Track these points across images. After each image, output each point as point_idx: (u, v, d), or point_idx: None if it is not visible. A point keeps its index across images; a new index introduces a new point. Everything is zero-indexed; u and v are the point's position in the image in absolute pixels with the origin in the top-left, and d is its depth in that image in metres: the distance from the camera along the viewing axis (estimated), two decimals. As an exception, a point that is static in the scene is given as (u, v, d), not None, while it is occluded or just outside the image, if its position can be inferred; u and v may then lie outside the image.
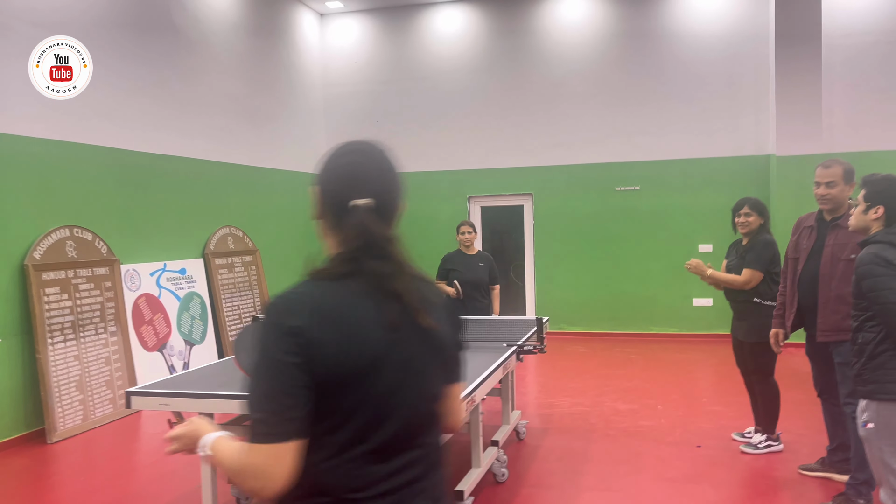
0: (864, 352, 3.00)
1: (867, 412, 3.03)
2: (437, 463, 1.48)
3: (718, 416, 5.82)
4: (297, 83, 10.04)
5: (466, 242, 6.24)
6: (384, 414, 1.36)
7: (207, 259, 7.77)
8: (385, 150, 1.59)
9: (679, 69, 9.50)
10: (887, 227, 3.06)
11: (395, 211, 1.54)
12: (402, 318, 1.40)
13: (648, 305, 9.69)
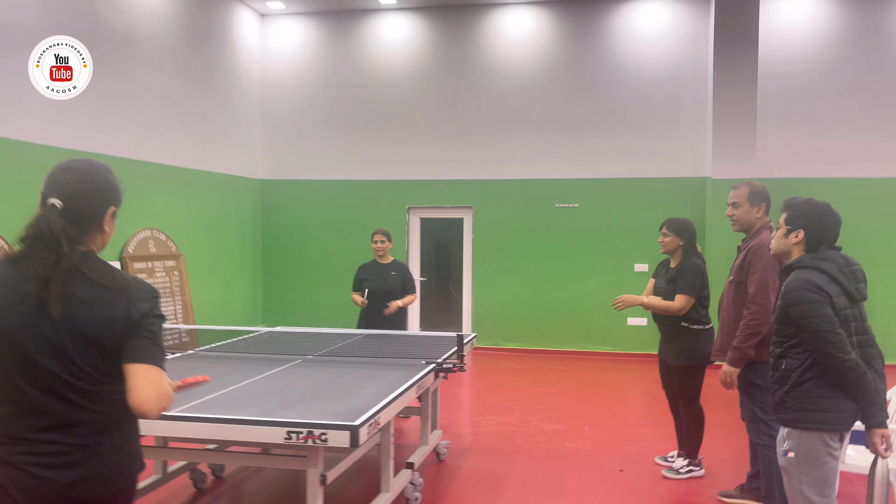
0: (787, 379, 2.92)
1: (788, 441, 2.94)
2: (73, 428, 1.81)
3: (644, 438, 5.73)
4: (233, 83, 9.71)
5: (379, 252, 6.06)
6: (17, 379, 1.78)
7: (125, 262, 7.37)
8: (98, 167, 1.98)
9: (621, 89, 9.53)
10: (811, 252, 2.98)
11: (84, 215, 1.89)
12: (40, 301, 1.77)
13: (584, 323, 9.64)
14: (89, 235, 1.91)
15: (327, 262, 10.22)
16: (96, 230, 1.92)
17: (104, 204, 1.94)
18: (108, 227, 1.98)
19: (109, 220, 1.97)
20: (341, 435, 2.83)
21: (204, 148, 9.00)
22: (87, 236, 1.90)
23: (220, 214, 9.39)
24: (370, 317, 5.99)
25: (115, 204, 1.97)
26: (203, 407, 3.14)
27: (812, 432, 2.85)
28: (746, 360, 3.81)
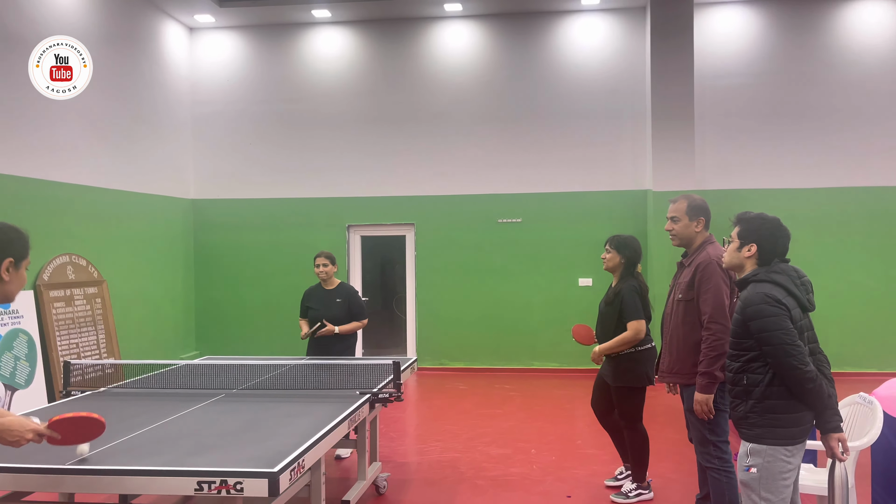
0: (750, 394, 2.90)
1: (752, 457, 2.90)
2: None
3: (592, 459, 5.56)
4: (160, 99, 9.27)
5: (322, 276, 5.75)
6: None
7: (39, 290, 6.86)
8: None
9: (561, 103, 9.48)
10: (764, 266, 2.97)
11: None
12: None
13: (530, 340, 9.49)
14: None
15: (264, 284, 9.83)
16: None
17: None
18: (5, 276, 2.25)
19: (5, 270, 2.25)
20: (259, 483, 2.53)
21: (128, 167, 8.53)
22: None
23: (148, 236, 8.91)
24: (319, 345, 5.67)
25: (10, 255, 2.25)
26: (104, 456, 2.79)
27: (777, 447, 2.85)
28: (717, 382, 3.64)
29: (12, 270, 2.29)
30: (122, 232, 8.36)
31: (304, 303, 5.85)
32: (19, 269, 2.32)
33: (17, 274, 2.31)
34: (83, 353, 7.29)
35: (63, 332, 7.08)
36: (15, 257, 2.28)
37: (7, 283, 2.28)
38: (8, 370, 6.32)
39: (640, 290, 4.59)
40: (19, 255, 2.31)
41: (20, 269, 2.33)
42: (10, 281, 2.29)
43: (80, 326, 7.32)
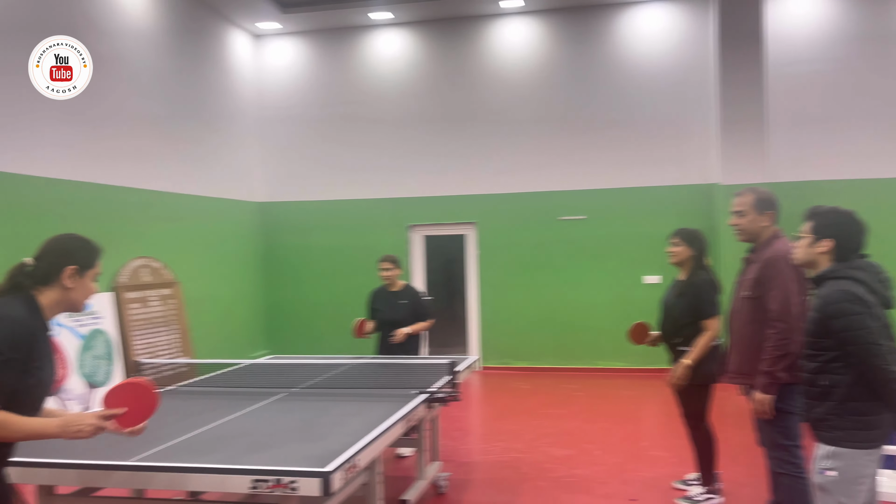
0: (830, 395, 2.78)
1: (831, 460, 2.79)
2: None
3: (659, 462, 5.41)
4: (228, 106, 9.55)
5: (387, 280, 5.82)
6: None
7: (117, 292, 7.17)
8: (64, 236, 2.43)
9: (624, 96, 9.27)
10: (843, 262, 2.84)
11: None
12: None
13: (595, 339, 9.32)
14: (48, 286, 2.31)
15: (330, 284, 9.99)
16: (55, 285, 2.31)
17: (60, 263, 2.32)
18: (69, 283, 2.32)
19: (68, 277, 2.32)
20: (312, 483, 2.56)
21: (199, 173, 8.83)
22: (45, 287, 2.31)
23: (218, 239, 9.19)
24: (385, 346, 5.79)
25: (73, 264, 2.33)
26: (164, 453, 2.88)
27: (857, 450, 2.75)
28: (780, 384, 3.48)
29: (76, 279, 2.34)
30: (194, 235, 8.66)
31: (371, 304, 5.95)
32: (84, 278, 2.37)
33: (81, 282, 2.36)
34: (158, 352, 7.57)
35: (139, 332, 7.37)
36: (79, 266, 2.34)
37: (71, 291, 2.34)
38: (89, 369, 6.63)
39: (715, 283, 4.44)
40: (84, 265, 2.36)
41: (85, 279, 2.37)
42: (75, 289, 2.35)
43: (155, 326, 7.61)
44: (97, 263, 2.44)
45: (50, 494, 3.09)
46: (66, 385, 6.31)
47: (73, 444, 3.04)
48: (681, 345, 4.42)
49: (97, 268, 2.44)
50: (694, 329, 4.37)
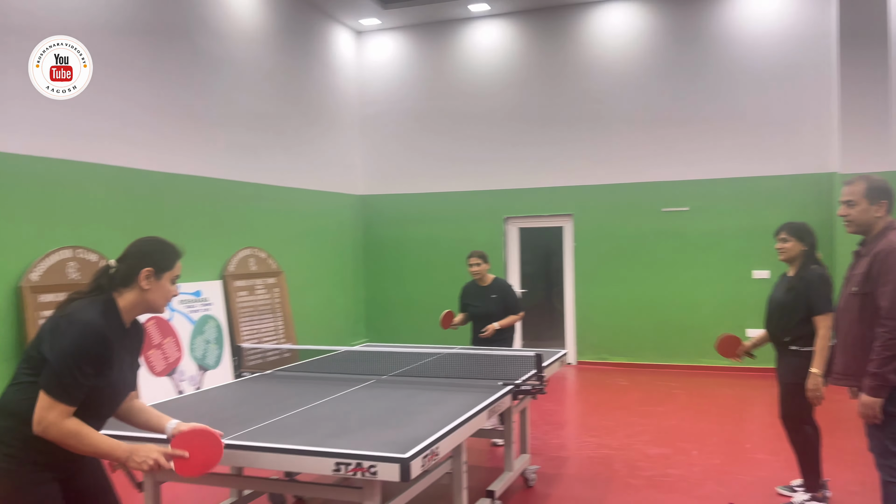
0: None
1: None
2: None
3: (763, 465, 5.15)
4: (331, 102, 9.86)
5: (475, 276, 5.85)
6: None
7: (226, 281, 7.57)
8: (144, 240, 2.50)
9: (731, 80, 8.83)
10: None
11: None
12: None
13: (698, 335, 8.96)
14: (127, 288, 2.39)
15: (427, 275, 10.14)
16: (134, 286, 2.38)
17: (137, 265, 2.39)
18: (145, 285, 2.38)
19: (144, 279, 2.38)
20: (391, 468, 2.61)
21: (303, 166, 9.17)
22: (125, 289, 2.39)
23: (321, 231, 9.52)
24: (478, 339, 5.89)
25: (148, 266, 2.39)
26: (257, 434, 3.02)
27: None
28: (890, 386, 3.23)
29: (152, 280, 2.38)
30: (298, 226, 9.01)
31: (463, 299, 6.03)
32: (161, 280, 2.41)
33: (158, 284, 2.40)
34: (263, 338, 7.95)
35: (246, 318, 7.76)
36: (155, 268, 2.39)
37: (148, 293, 2.38)
38: (200, 352, 7.05)
39: (827, 278, 4.17)
40: (160, 267, 2.40)
41: (162, 280, 2.41)
42: (151, 290, 2.39)
43: (260, 314, 7.99)
44: (175, 265, 2.46)
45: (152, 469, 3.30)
46: (179, 367, 6.74)
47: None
48: (790, 343, 4.18)
49: (175, 270, 2.46)
50: (804, 327, 4.12)
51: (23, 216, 5.46)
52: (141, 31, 6.63)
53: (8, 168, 5.36)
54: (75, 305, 2.28)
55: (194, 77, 7.34)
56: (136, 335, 2.53)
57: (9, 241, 5.34)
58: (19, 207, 5.44)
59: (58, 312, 2.28)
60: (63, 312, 2.25)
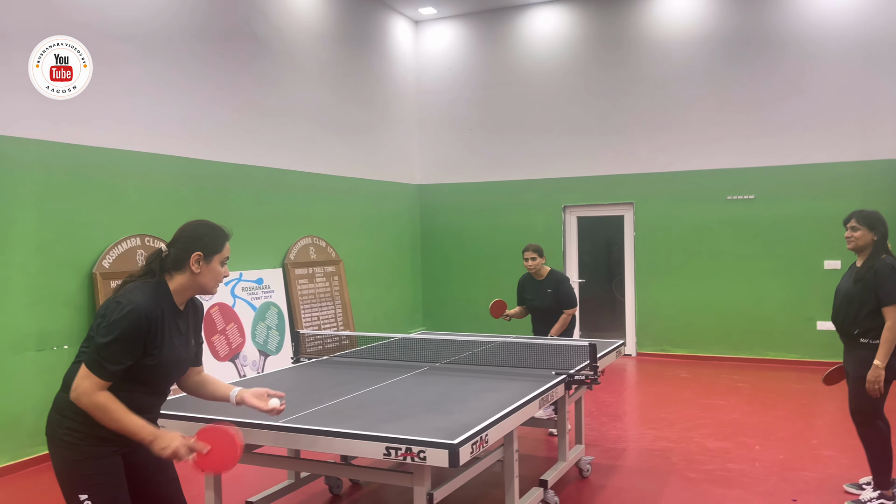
0: None
1: None
2: None
3: (830, 462, 4.96)
4: (389, 92, 9.92)
5: (531, 270, 5.81)
6: None
7: (287, 269, 7.75)
8: (193, 224, 2.57)
9: (800, 62, 8.46)
10: None
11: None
12: None
13: (764, 328, 8.68)
14: (179, 272, 2.47)
15: (483, 265, 10.13)
16: (185, 270, 2.46)
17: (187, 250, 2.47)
18: (196, 268, 2.45)
19: (195, 262, 2.45)
20: (440, 454, 2.63)
21: (362, 156, 9.27)
22: (177, 272, 2.47)
23: (379, 220, 9.62)
24: (536, 330, 5.98)
25: (198, 250, 2.46)
26: (311, 417, 3.09)
27: None
28: None
29: (203, 264, 2.45)
30: (356, 216, 9.13)
31: (520, 292, 6.02)
32: (211, 263, 2.47)
33: (208, 267, 2.47)
34: (323, 324, 8.10)
35: (306, 305, 7.93)
36: (204, 252, 2.45)
37: (199, 276, 2.46)
38: (262, 338, 7.24)
39: None
40: (209, 250, 2.47)
41: (212, 263, 2.47)
42: (202, 274, 2.46)
43: (320, 301, 8.14)
44: (224, 248, 2.52)
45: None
46: (242, 352, 6.95)
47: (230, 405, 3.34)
48: (860, 336, 4.00)
49: (224, 252, 2.52)
50: (874, 319, 3.94)
51: (95, 206, 5.70)
52: (204, 26, 6.81)
53: (83, 159, 5.61)
54: (127, 288, 2.39)
55: (255, 70, 7.50)
56: (194, 314, 2.63)
57: (83, 230, 5.59)
58: (92, 197, 5.68)
59: (113, 295, 2.40)
60: (115, 295, 2.38)
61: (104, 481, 2.33)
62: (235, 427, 2.38)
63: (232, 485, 4.50)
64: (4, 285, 5.04)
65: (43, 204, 5.31)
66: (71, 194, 5.52)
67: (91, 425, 2.31)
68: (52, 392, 2.50)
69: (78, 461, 2.31)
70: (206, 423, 2.55)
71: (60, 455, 2.32)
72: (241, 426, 3.02)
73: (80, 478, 2.31)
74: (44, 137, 5.32)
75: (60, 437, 2.32)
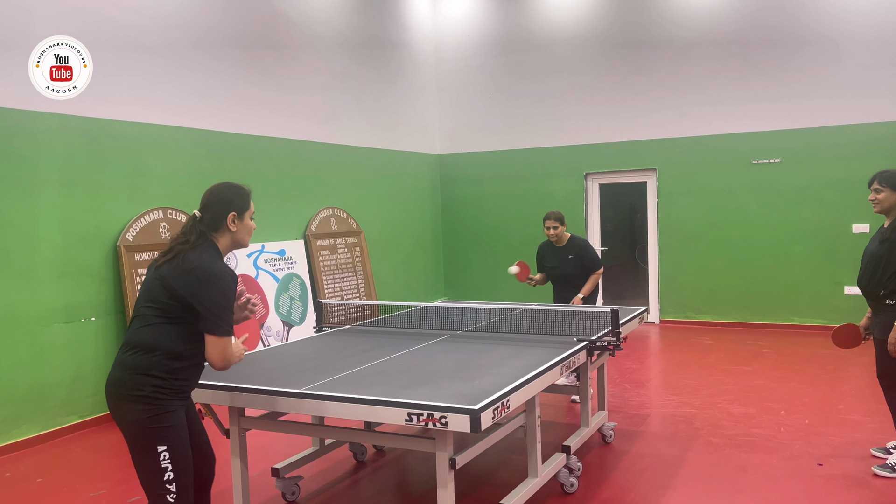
0: None
1: None
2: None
3: (855, 426, 4.91)
4: (408, 61, 9.82)
5: (552, 238, 5.75)
6: None
7: (308, 240, 7.78)
8: (220, 186, 2.76)
9: (826, 19, 8.21)
10: None
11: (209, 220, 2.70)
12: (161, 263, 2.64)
13: (790, 293, 8.57)
14: (217, 233, 2.67)
15: (504, 233, 10.09)
16: (223, 230, 2.68)
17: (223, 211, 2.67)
18: (232, 227, 2.68)
19: (231, 222, 2.67)
20: (462, 419, 2.64)
21: (381, 127, 9.23)
22: (215, 233, 2.67)
23: (399, 191, 9.60)
24: (558, 297, 5.91)
25: (232, 210, 2.67)
26: (334, 384, 3.11)
27: None
28: None
29: (238, 222, 2.70)
30: (377, 186, 9.11)
31: (539, 260, 5.96)
32: (244, 220, 2.72)
33: (242, 224, 2.72)
34: (346, 295, 8.15)
35: (329, 276, 7.97)
36: (237, 211, 2.69)
37: (236, 233, 2.71)
38: (285, 309, 7.30)
39: None
40: (241, 209, 2.70)
41: (245, 219, 2.72)
42: (238, 230, 2.71)
43: (342, 272, 8.18)
44: (251, 204, 2.76)
45: (242, 416, 3.47)
46: (266, 323, 7.02)
47: (260, 373, 3.38)
48: (886, 298, 3.93)
49: (252, 207, 2.76)
50: None
51: (118, 179, 5.75)
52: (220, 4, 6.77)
53: (104, 133, 5.64)
54: (195, 256, 2.55)
55: (273, 41, 7.46)
56: None
57: (107, 203, 5.65)
58: (114, 171, 5.73)
59: (181, 265, 2.52)
60: (189, 265, 2.51)
61: (179, 432, 2.53)
62: None
63: (257, 452, 4.58)
64: (31, 259, 5.12)
65: (66, 178, 5.37)
66: (93, 168, 5.56)
67: (176, 380, 2.54)
68: (81, 363, 2.61)
69: (158, 415, 2.49)
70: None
71: (140, 411, 2.48)
72: (267, 394, 3.06)
73: (159, 430, 2.49)
74: (65, 112, 5.35)
75: (146, 395, 2.48)
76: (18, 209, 5.05)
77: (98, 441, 5.21)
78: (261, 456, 4.55)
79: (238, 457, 3.45)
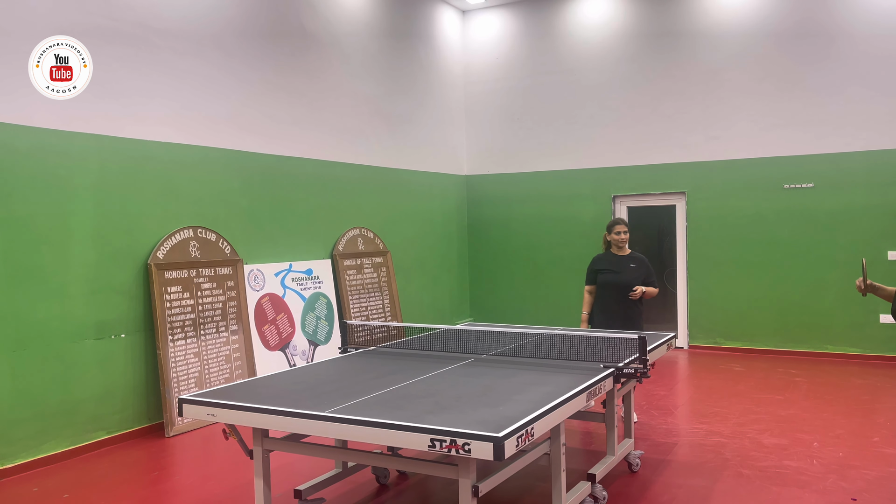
0: None
1: None
2: None
3: (891, 460, 4.77)
4: (436, 83, 9.90)
5: (620, 243, 5.74)
6: None
7: (335, 260, 7.82)
8: None
9: (861, 41, 8.11)
10: None
11: None
12: None
13: (823, 321, 8.39)
14: None
15: (531, 255, 10.05)
16: None
17: None
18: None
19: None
20: (485, 447, 2.61)
21: (409, 148, 9.28)
22: None
23: (426, 211, 9.63)
24: (607, 308, 5.74)
25: None
26: (357, 407, 3.10)
27: None
28: None
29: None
30: (404, 207, 9.15)
31: (595, 268, 5.86)
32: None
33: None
34: (371, 315, 8.16)
35: (355, 296, 7.99)
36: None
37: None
38: (311, 328, 7.33)
39: None
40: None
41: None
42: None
43: (368, 292, 8.20)
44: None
45: (265, 437, 3.48)
46: (292, 342, 7.05)
47: (285, 394, 3.39)
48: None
49: None
50: None
51: (149, 198, 5.85)
52: (253, 20, 6.89)
53: (136, 153, 5.75)
54: None
55: (303, 62, 7.57)
56: None
57: (139, 222, 5.74)
58: (146, 190, 5.83)
59: None
60: None
61: None
62: None
63: (281, 473, 4.58)
64: (64, 276, 5.22)
65: (99, 196, 5.47)
66: (126, 187, 5.67)
67: None
68: (110, 379, 2.60)
69: None
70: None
71: None
72: (289, 416, 3.06)
73: None
74: (99, 132, 5.46)
75: None
76: (53, 226, 5.16)
77: (125, 457, 5.25)
78: (284, 477, 4.55)
79: (261, 478, 3.45)
